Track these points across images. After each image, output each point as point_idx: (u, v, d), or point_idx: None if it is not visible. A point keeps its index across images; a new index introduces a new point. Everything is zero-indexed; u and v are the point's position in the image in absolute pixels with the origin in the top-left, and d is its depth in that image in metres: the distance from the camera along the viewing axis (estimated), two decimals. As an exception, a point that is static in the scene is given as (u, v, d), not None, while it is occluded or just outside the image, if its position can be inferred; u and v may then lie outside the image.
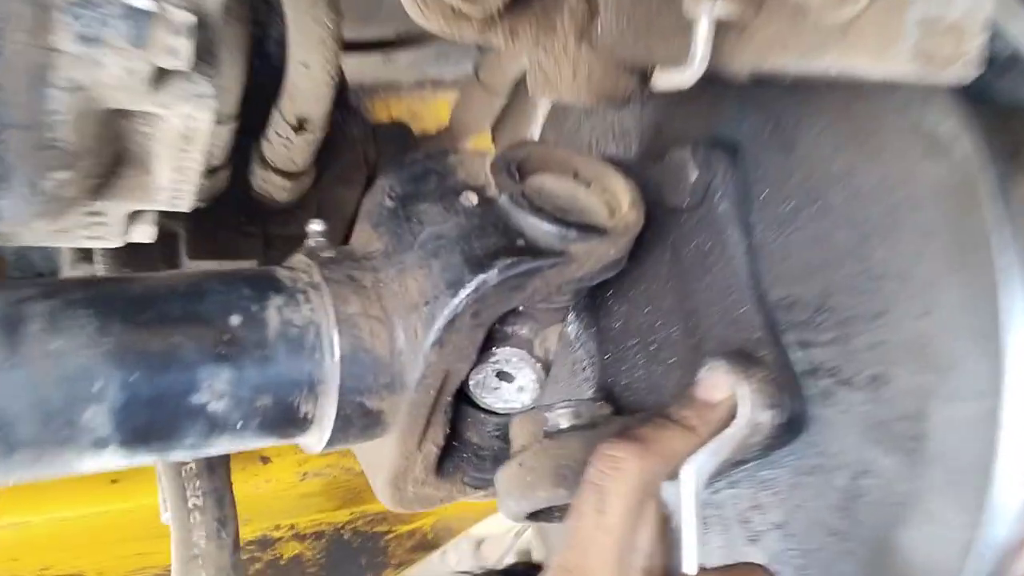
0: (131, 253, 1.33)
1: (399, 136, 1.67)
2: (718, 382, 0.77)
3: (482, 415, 0.89)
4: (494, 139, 1.82)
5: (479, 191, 0.78)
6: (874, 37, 0.59)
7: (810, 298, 0.79)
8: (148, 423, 0.70)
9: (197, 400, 0.71)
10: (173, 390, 0.70)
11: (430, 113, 2.15)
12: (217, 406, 0.72)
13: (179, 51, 0.75)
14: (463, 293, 0.73)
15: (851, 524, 0.72)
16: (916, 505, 0.66)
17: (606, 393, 0.95)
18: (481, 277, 0.73)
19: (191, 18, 0.76)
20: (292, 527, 1.84)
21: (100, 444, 0.69)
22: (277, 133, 1.38)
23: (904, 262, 0.70)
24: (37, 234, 0.87)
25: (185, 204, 0.90)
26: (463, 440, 0.90)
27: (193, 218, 1.48)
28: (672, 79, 0.70)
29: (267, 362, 0.73)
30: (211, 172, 1.39)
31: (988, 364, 0.61)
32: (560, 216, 0.77)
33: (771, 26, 0.68)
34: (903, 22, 0.57)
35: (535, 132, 1.79)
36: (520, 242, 0.75)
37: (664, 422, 0.73)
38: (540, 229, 0.76)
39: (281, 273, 0.78)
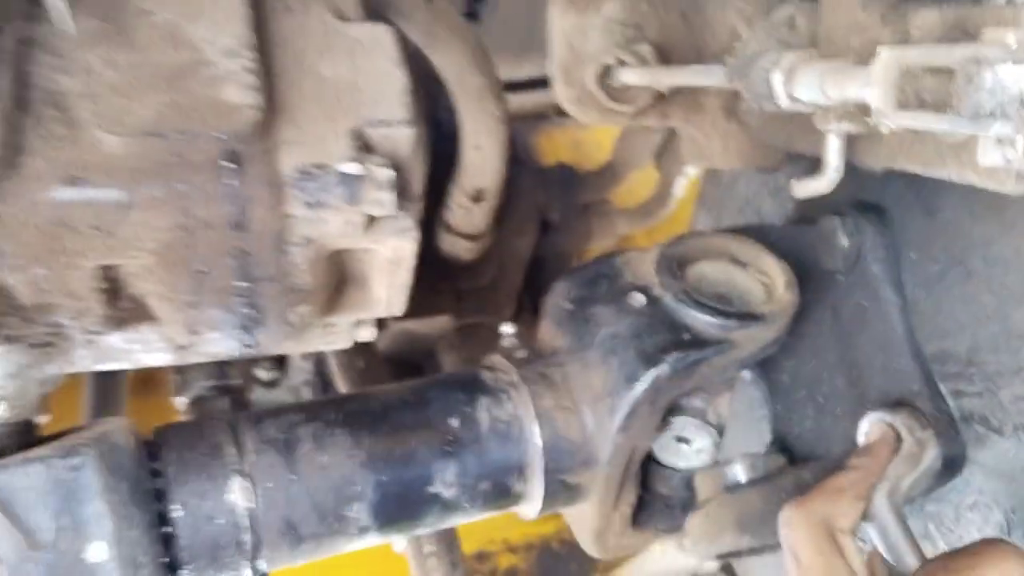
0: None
1: (566, 179, 1.79)
2: (881, 432, 0.85)
3: (667, 471, 1.01)
4: (658, 167, 1.90)
5: (646, 290, 0.90)
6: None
7: (961, 352, 0.86)
8: (397, 512, 0.87)
9: (432, 490, 0.87)
10: (414, 485, 0.86)
11: (592, 140, 2.26)
12: (448, 493, 0.87)
13: (384, 201, 0.91)
14: (639, 388, 0.85)
15: None
16: None
17: (781, 443, 1.05)
18: (654, 372, 0.85)
19: (391, 173, 0.92)
20: (505, 540, 2.00)
21: (363, 531, 0.86)
22: (458, 204, 1.54)
23: None
24: (283, 348, 1.07)
25: (399, 309, 1.06)
26: (653, 493, 1.02)
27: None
28: (809, 187, 0.79)
29: (483, 454, 0.88)
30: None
31: None
32: (721, 307, 0.87)
33: (897, 136, 0.75)
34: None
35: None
36: (686, 336, 0.86)
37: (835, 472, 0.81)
38: (703, 322, 0.87)
39: (485, 376, 0.93)
